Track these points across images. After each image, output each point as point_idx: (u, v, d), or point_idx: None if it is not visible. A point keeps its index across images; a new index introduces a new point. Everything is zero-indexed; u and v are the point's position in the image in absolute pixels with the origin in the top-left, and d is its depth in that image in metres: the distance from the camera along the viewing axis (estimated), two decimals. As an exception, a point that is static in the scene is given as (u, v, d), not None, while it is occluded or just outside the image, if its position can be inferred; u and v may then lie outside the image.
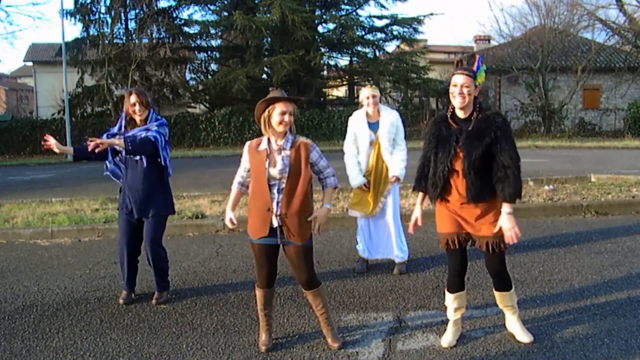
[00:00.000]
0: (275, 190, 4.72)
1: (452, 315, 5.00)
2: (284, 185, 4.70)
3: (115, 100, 34.74)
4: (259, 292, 5.01)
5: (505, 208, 4.53)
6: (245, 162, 4.91)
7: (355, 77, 40.04)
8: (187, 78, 41.83)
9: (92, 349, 5.03)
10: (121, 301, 6.16)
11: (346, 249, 7.99)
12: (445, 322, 5.30)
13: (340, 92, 48.26)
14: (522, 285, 6.30)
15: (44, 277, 7.28)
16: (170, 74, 38.36)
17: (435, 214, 4.99)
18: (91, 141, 5.77)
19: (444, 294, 5.06)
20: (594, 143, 28.40)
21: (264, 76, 37.60)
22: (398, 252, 6.97)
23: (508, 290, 4.95)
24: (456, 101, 4.64)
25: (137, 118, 5.97)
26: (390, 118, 6.92)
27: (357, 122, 6.98)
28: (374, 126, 6.90)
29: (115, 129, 6.08)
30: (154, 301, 6.14)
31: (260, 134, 4.90)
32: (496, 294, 5.00)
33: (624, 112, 35.31)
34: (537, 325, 5.21)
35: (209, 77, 40.06)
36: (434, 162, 4.74)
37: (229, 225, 4.94)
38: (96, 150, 5.80)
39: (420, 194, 4.98)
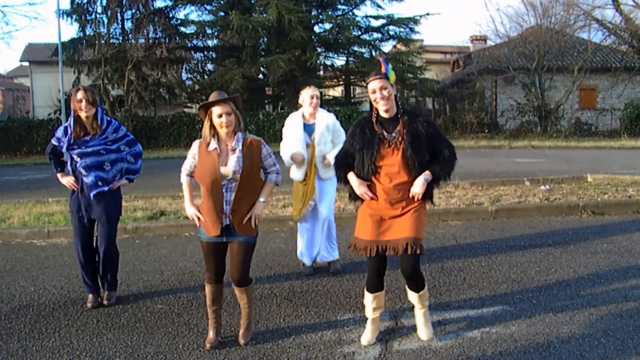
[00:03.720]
0: (224, 190, 4.82)
1: (371, 314, 5.03)
2: (234, 184, 4.80)
3: (112, 101, 34.73)
4: (208, 288, 5.11)
5: (425, 175, 4.73)
6: (193, 158, 5.00)
7: (352, 77, 40.08)
8: (184, 78, 41.84)
9: (89, 348, 5.02)
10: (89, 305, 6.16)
11: (342, 249, 7.99)
12: (441, 323, 5.32)
13: (337, 92, 48.31)
14: (518, 285, 6.31)
15: (41, 277, 7.27)
16: (166, 74, 38.34)
17: (357, 216, 5.04)
18: (75, 187, 6.01)
19: (364, 295, 5.08)
20: (590, 143, 28.45)
21: (260, 76, 37.65)
22: (325, 254, 7.00)
23: (422, 291, 4.98)
24: (380, 105, 4.81)
25: (83, 115, 5.87)
26: (326, 122, 6.85)
27: (293, 124, 6.91)
28: (310, 128, 6.86)
29: (59, 133, 5.98)
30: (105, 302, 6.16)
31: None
32: (409, 293, 5.02)
33: (620, 112, 35.42)
34: (533, 324, 5.22)
35: (205, 77, 40.10)
36: (360, 163, 4.84)
37: (197, 222, 4.98)
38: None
39: (350, 173, 4.96)
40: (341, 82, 42.21)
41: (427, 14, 38.93)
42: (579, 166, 16.90)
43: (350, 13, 38.63)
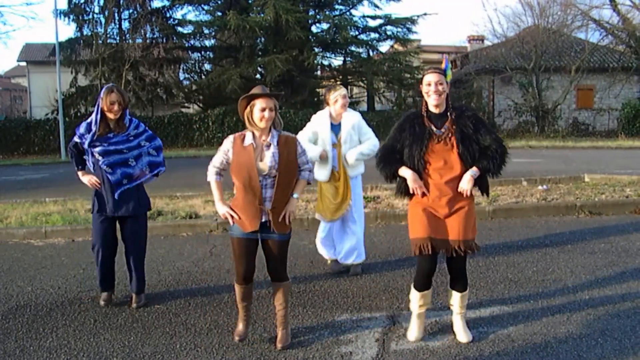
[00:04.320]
0: (262, 186, 4.79)
1: (417, 309, 5.05)
2: (270, 180, 4.79)
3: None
4: (238, 288, 5.08)
5: (472, 171, 4.71)
6: (225, 154, 4.94)
7: (349, 77, 40.01)
8: (181, 78, 41.81)
9: (86, 349, 5.02)
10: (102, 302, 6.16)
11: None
12: (439, 322, 5.33)
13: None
14: (515, 285, 6.32)
15: (38, 277, 7.26)
16: (163, 74, 38.31)
17: (408, 215, 5.03)
18: (97, 185, 5.94)
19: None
20: (587, 143, 28.51)
21: (258, 76, 37.57)
22: (355, 257, 6.97)
23: (465, 291, 5.01)
24: (431, 99, 4.79)
25: (112, 116, 5.86)
26: (352, 121, 6.83)
27: (320, 123, 6.90)
28: (336, 128, 6.87)
29: (82, 129, 5.92)
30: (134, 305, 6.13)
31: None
32: (452, 293, 5.03)
33: (618, 112, 35.48)
34: (531, 324, 5.22)
35: (203, 77, 40.05)
36: (410, 157, 4.81)
37: (230, 221, 4.93)
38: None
39: (402, 167, 4.89)
40: (338, 82, 42.16)
41: (425, 14, 38.77)
42: (576, 166, 16.92)
43: (348, 13, 38.62)
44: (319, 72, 41.13)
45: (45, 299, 6.38)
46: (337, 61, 40.79)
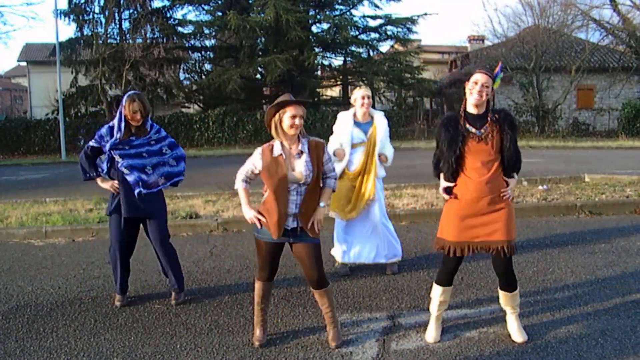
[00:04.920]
0: (295, 193, 4.77)
1: (436, 309, 5.05)
2: (303, 187, 4.78)
3: (110, 101, 34.71)
4: (258, 284, 5.06)
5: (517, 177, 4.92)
6: (254, 166, 4.89)
7: (349, 77, 40.04)
8: (181, 78, 41.84)
9: (86, 349, 5.02)
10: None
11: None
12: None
13: (334, 92, 48.29)
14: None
15: (38, 277, 7.27)
16: (164, 74, 38.33)
17: (442, 215, 5.05)
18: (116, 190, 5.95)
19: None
20: (587, 143, 28.49)
21: (258, 76, 37.64)
22: (388, 253, 6.96)
23: (515, 290, 4.99)
24: (472, 97, 4.78)
25: (134, 124, 5.87)
26: (384, 122, 6.90)
27: (345, 123, 6.92)
28: (364, 126, 6.87)
29: (103, 132, 5.91)
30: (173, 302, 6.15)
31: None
32: (502, 293, 5.03)
33: (618, 112, 35.46)
34: (530, 325, 5.22)
35: (203, 77, 40.10)
36: (446, 159, 4.85)
37: (258, 224, 4.86)
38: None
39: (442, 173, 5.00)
40: (339, 82, 42.23)
41: (425, 14, 38.94)
42: (576, 166, 16.92)
43: (348, 13, 38.65)
44: (319, 72, 41.16)
45: (46, 299, 6.38)
46: (337, 61, 40.86)
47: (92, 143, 5.98)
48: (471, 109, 4.83)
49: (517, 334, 4.95)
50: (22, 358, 4.88)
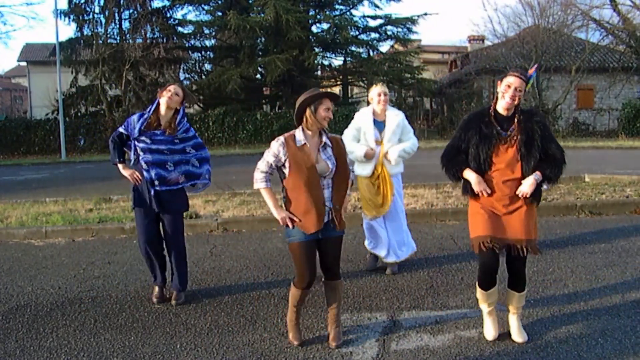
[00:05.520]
0: (325, 185, 4.81)
1: (487, 308, 5.05)
2: (327, 181, 4.82)
3: (110, 101, 34.73)
4: (296, 292, 5.02)
5: (536, 175, 4.72)
6: (275, 157, 4.81)
7: (349, 77, 40.09)
8: (181, 78, 41.76)
9: (86, 348, 5.02)
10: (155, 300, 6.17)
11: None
12: (439, 322, 5.33)
13: (335, 92, 48.23)
14: (516, 285, 6.32)
15: (38, 277, 7.26)
16: (164, 74, 38.27)
17: (468, 214, 5.05)
18: (139, 181, 5.95)
19: (475, 289, 5.08)
20: (587, 143, 28.48)
21: (258, 76, 37.66)
22: (400, 253, 6.97)
23: (524, 291, 5.01)
24: (504, 101, 4.76)
25: (164, 102, 5.80)
26: (396, 119, 6.85)
27: (364, 120, 6.89)
28: (380, 125, 6.86)
29: (134, 117, 5.90)
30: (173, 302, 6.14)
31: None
32: (510, 292, 5.03)
33: (618, 112, 35.47)
34: (530, 325, 5.22)
35: (203, 77, 40.14)
36: (476, 157, 4.83)
37: (290, 225, 4.80)
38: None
39: (467, 169, 4.92)
40: (339, 82, 42.22)
41: (425, 14, 38.91)
42: (576, 166, 16.88)
43: (348, 13, 38.69)
44: (319, 72, 41.17)
45: (46, 299, 6.38)
46: (337, 61, 40.98)
47: (120, 129, 6.00)
48: (501, 110, 4.82)
49: (517, 334, 4.95)
50: (22, 358, 4.88)
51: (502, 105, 4.78)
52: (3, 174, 21.60)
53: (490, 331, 5.01)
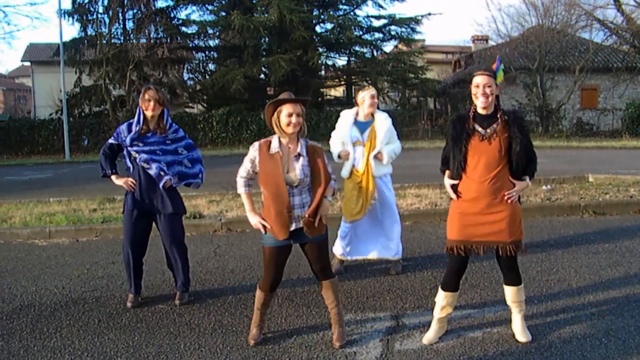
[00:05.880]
0: (291, 195, 4.76)
1: (438, 312, 5.04)
2: (299, 189, 4.77)
3: (113, 101, 34.76)
4: (260, 294, 5.05)
5: (528, 181, 4.92)
6: (252, 163, 4.87)
7: (353, 77, 40.04)
8: (185, 78, 41.83)
9: (90, 349, 5.02)
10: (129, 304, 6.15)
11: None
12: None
13: (338, 92, 48.31)
14: (519, 285, 6.31)
15: (42, 277, 7.27)
16: (168, 74, 38.32)
17: (448, 216, 5.06)
18: (133, 187, 5.94)
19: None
20: (591, 143, 28.45)
21: (262, 76, 37.61)
22: (389, 250, 6.96)
23: (520, 285, 5.00)
24: (479, 101, 4.82)
25: (149, 113, 5.89)
26: (387, 123, 6.84)
27: (343, 121, 6.93)
28: (363, 126, 6.85)
29: (123, 128, 5.94)
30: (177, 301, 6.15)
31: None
32: (506, 288, 5.02)
33: (622, 112, 35.39)
34: (535, 325, 5.21)
35: (207, 77, 40.06)
36: (452, 157, 4.90)
37: (263, 230, 4.84)
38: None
39: (447, 171, 5.05)
40: (342, 82, 42.20)
41: (429, 14, 38.73)
42: (580, 166, 16.89)
43: (352, 13, 38.63)
44: (323, 72, 41.11)
45: (49, 299, 6.39)
46: (341, 61, 40.82)
47: (110, 140, 6.01)
48: (480, 110, 4.86)
49: (521, 334, 4.94)
50: (26, 358, 4.89)
51: (479, 106, 4.84)
52: (7, 174, 21.65)
53: (429, 334, 5.01)
